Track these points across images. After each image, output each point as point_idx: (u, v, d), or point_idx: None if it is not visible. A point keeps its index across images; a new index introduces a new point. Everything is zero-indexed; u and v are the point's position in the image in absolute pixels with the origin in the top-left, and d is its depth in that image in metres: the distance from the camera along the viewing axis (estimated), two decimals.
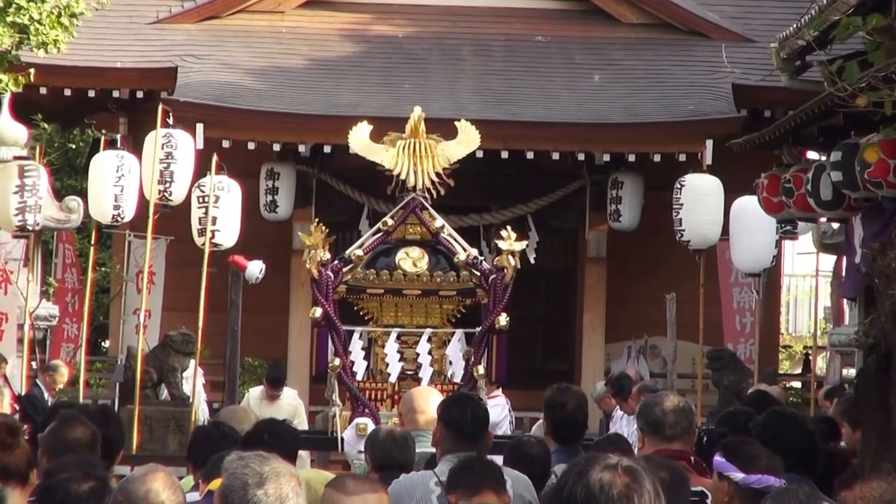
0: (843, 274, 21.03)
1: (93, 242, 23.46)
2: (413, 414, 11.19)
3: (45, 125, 29.39)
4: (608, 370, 22.53)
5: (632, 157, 24.97)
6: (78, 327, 24.19)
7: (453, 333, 18.22)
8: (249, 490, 5.69)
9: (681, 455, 8.48)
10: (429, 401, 11.05)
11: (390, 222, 18.32)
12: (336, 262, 18.21)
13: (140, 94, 25.38)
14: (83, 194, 22.50)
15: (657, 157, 24.54)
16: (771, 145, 18.99)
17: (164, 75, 25.12)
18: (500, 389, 18.40)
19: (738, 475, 8.04)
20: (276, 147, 24.82)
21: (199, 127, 22.48)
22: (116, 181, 20.45)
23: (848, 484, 7.33)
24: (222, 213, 20.11)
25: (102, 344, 29.68)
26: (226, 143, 22.83)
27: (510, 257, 18.20)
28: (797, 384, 26.88)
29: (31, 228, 21.59)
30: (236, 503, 5.68)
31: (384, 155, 18.23)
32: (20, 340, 22.30)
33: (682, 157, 23.76)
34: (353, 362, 18.20)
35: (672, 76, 26.19)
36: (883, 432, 9.65)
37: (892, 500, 5.28)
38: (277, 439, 9.20)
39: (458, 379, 17.66)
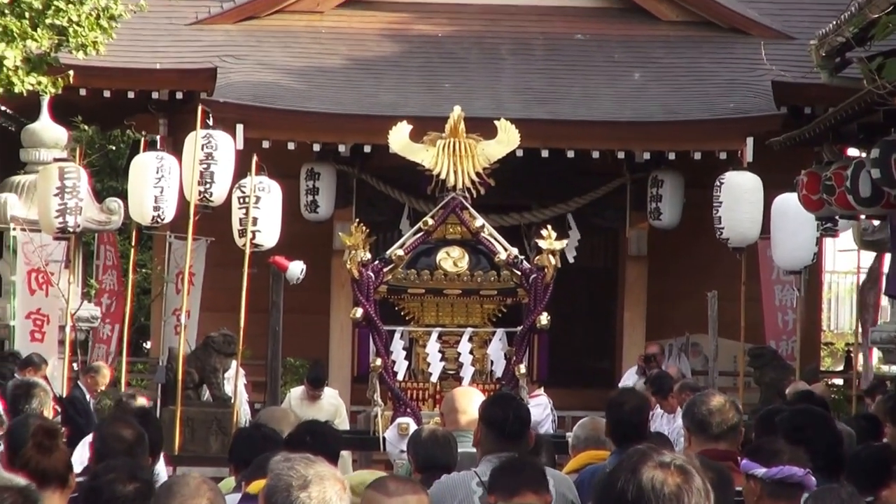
0: (886, 271, 21.00)
1: (133, 244, 23.53)
2: (455, 414, 11.21)
3: (85, 127, 29.52)
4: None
5: (672, 156, 24.94)
6: (119, 328, 24.24)
7: (494, 333, 18.24)
8: (293, 492, 5.70)
9: (727, 455, 8.49)
10: (470, 401, 11.06)
11: (431, 222, 18.34)
12: (376, 262, 18.24)
13: (179, 95, 25.44)
14: (123, 196, 22.57)
15: (697, 155, 24.52)
16: (811, 142, 18.99)
17: (204, 76, 25.16)
18: (542, 388, 18.43)
19: (761, 470, 8.06)
20: (316, 147, 24.84)
21: (239, 128, 22.53)
22: (156, 182, 20.51)
23: (888, 484, 7.35)
24: (263, 213, 20.14)
25: (144, 345, 29.74)
26: (266, 144, 22.87)
27: (550, 256, 18.21)
28: (839, 381, 26.83)
29: (71, 230, 21.62)
30: None
31: (424, 154, 18.25)
32: (61, 342, 22.36)
33: (723, 155, 23.76)
34: (394, 362, 18.23)
35: (712, 74, 26.19)
36: None
37: None
38: (320, 440, 9.22)
39: (499, 378, 17.68)
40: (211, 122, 21.16)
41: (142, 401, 14.15)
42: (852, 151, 18.31)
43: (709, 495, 4.78)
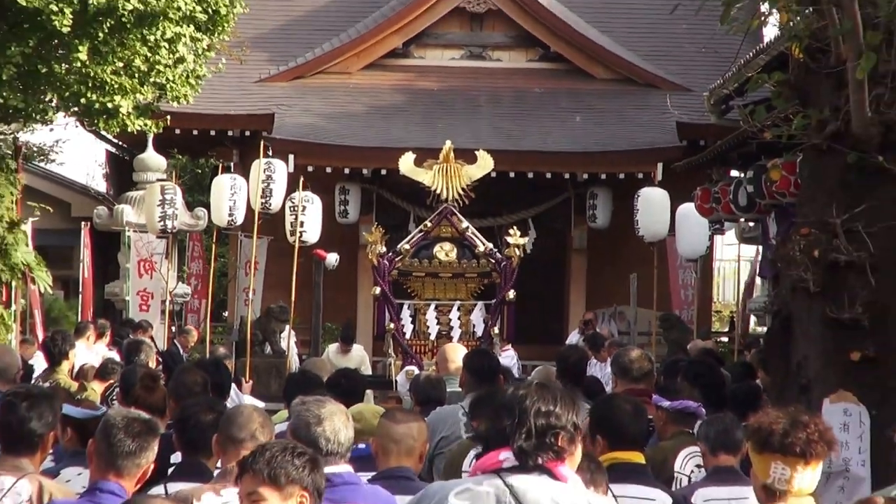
0: (760, 259, 21.04)
1: (214, 241, 23.49)
2: (446, 363, 11.17)
3: (179, 156, 29.48)
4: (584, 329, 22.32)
5: (603, 176, 24.95)
6: (204, 302, 24.23)
7: (475, 304, 18.30)
8: (312, 428, 5.71)
9: (643, 392, 8.49)
10: (457, 353, 11.02)
11: (429, 224, 18.43)
12: (390, 253, 18.28)
13: (247, 133, 25.41)
14: (207, 206, 22.53)
15: (622, 176, 24.54)
16: (704, 166, 19.01)
17: (265, 120, 25.16)
18: (510, 345, 18.41)
19: (666, 403, 8.08)
20: (346, 171, 24.84)
21: (290, 157, 22.52)
22: (231, 196, 20.47)
23: (756, 410, 7.35)
24: (308, 218, 20.11)
25: (222, 314, 29.72)
26: (310, 168, 22.85)
27: (516, 249, 18.30)
28: (725, 339, 26.80)
29: (169, 231, 21.67)
30: (303, 438, 5.68)
31: (424, 175, 18.32)
32: (163, 312, 22.41)
33: (640, 176, 23.75)
34: (403, 326, 18.29)
35: (632, 117, 26.17)
36: (785, 376, 9.63)
37: (785, 420, 5.27)
38: (350, 383, 9.23)
39: (479, 337, 17.69)
40: (270, 153, 21.16)
41: (224, 352, 14.12)
42: (734, 172, 18.31)
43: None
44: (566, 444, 4.50)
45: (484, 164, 18.69)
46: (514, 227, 20.17)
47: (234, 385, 11.67)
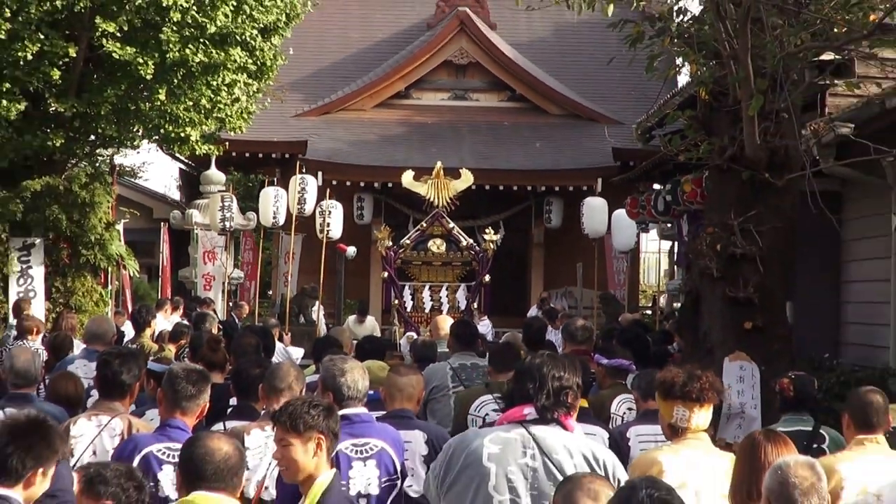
0: (677, 251, 21.03)
1: (261, 237, 23.46)
2: (437, 330, 11.19)
3: (235, 173, 29.44)
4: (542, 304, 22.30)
5: (556, 188, 24.93)
6: (253, 283, 24.19)
7: (460, 286, 18.24)
8: (337, 378, 5.70)
9: (586, 352, 8.49)
10: (446, 323, 11.04)
11: (424, 225, 18.35)
12: (394, 247, 18.23)
13: (286, 156, 25.29)
14: (256, 210, 22.45)
15: (571, 188, 24.51)
16: (633, 181, 18.99)
17: (300, 145, 25.08)
18: (486, 316, 18.39)
19: (605, 361, 8.07)
20: (362, 184, 24.78)
21: (319, 174, 22.42)
22: (274, 203, 20.40)
23: (669, 362, 7.34)
24: (332, 220, 20.06)
25: (268, 292, 29.69)
26: (334, 182, 22.73)
27: (490, 244, 18.24)
28: (649, 312, 26.79)
29: (227, 229, 21.59)
30: (330, 387, 5.69)
31: (422, 188, 18.25)
32: (222, 291, 22.39)
33: (585, 188, 23.69)
34: (405, 302, 18.22)
35: (578, 143, 26.12)
36: (694, 341, 9.64)
37: (683, 375, 5.29)
38: (376, 346, 9.36)
39: (462, 310, 17.68)
40: (304, 171, 21.14)
41: (274, 322, 14.09)
42: (656, 186, 18.29)
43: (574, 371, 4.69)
44: (573, 401, 4.59)
45: (466, 180, 18.65)
46: (489, 227, 20.21)
47: (280, 344, 11.70)
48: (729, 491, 4.85)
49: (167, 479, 5.41)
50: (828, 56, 10.15)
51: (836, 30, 8.56)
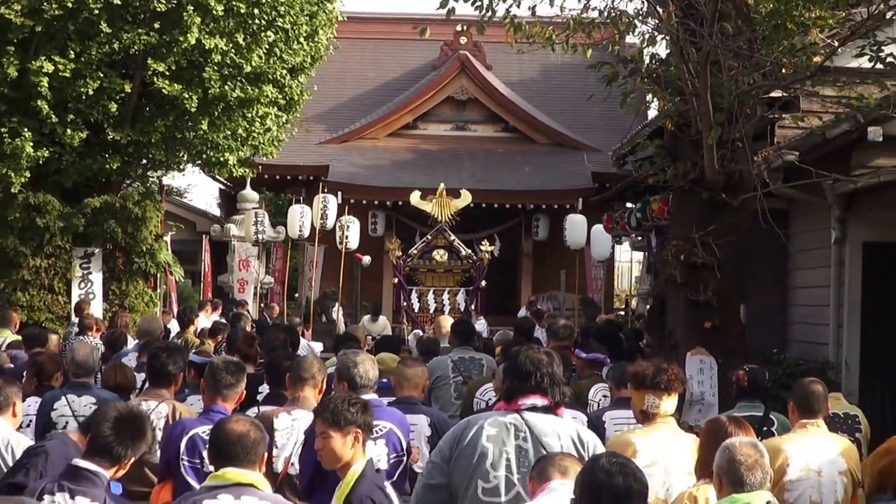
0: (648, 261, 21.01)
1: (289, 247, 23.45)
2: (439, 329, 11.22)
3: (267, 192, 29.42)
4: (532, 306, 22.29)
5: (543, 206, 24.94)
6: (282, 287, 24.20)
7: (460, 290, 18.23)
8: (351, 369, 5.70)
9: (567, 347, 8.48)
10: (447, 322, 11.07)
11: (429, 237, 18.35)
12: (404, 256, 18.23)
13: (311, 178, 25.29)
14: (285, 225, 22.46)
15: (556, 206, 24.51)
16: (609, 200, 19.02)
17: (323, 169, 25.08)
18: (482, 316, 18.38)
19: (583, 355, 8.06)
20: (376, 202, 24.76)
21: (339, 193, 22.39)
22: (300, 218, 20.40)
23: (638, 357, 7.32)
24: (350, 233, 20.04)
25: (294, 295, 29.65)
26: (352, 201, 22.74)
27: (486, 254, 18.25)
28: (623, 314, 26.79)
29: (260, 241, 21.60)
30: (344, 377, 5.69)
31: (427, 206, 18.26)
32: (254, 294, 22.36)
33: (568, 206, 23.66)
34: (412, 304, 18.21)
35: (562, 168, 26.09)
36: (661, 338, 9.61)
37: (653, 367, 5.30)
38: (393, 343, 9.43)
39: (461, 311, 17.67)
40: (326, 191, 21.12)
41: (298, 321, 14.10)
42: (629, 204, 18.30)
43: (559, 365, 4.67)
44: (564, 390, 4.57)
45: (465, 199, 18.66)
46: (485, 240, 20.22)
47: (304, 339, 11.70)
48: (695, 467, 4.84)
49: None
50: (776, 93, 10.17)
51: (783, 71, 8.57)
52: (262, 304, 21.14)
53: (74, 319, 13.87)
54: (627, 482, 3.28)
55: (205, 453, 5.36)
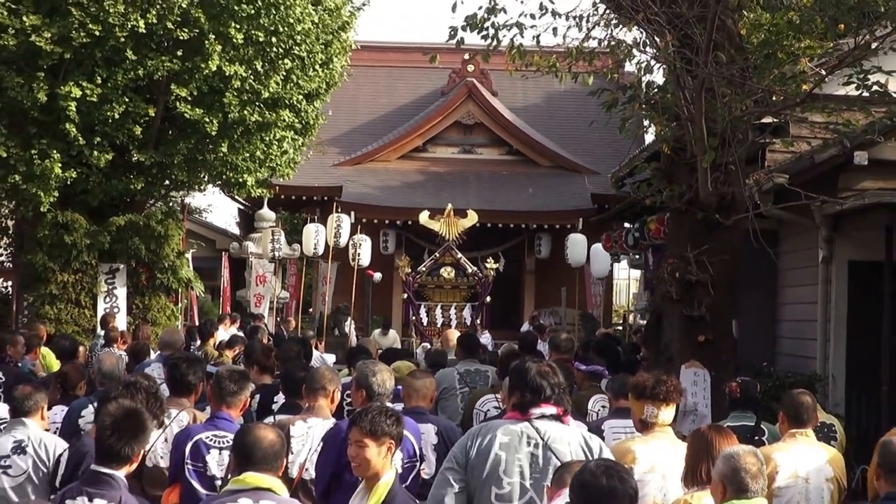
0: (644, 278, 21.00)
1: (304, 264, 23.49)
2: (446, 342, 11.19)
3: (283, 211, 29.47)
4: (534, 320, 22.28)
5: (546, 226, 24.97)
6: (297, 302, 24.23)
7: (466, 305, 18.24)
8: (369, 378, 5.70)
9: (568, 360, 8.47)
10: (454, 336, 11.01)
11: (437, 255, 18.38)
12: (413, 273, 18.24)
13: (325, 198, 25.37)
14: (300, 242, 22.49)
15: (557, 226, 24.54)
16: (608, 220, 19.02)
17: (336, 190, 25.15)
18: (487, 330, 18.38)
19: (583, 367, 8.05)
20: (386, 221, 24.81)
21: (352, 213, 22.39)
22: (315, 236, 20.45)
23: (635, 374, 7.33)
24: (362, 251, 20.11)
25: (308, 310, 29.65)
26: (364, 220, 22.76)
27: (491, 271, 18.27)
28: (620, 328, 26.75)
29: (276, 258, 21.63)
30: (363, 385, 5.69)
31: (436, 225, 18.33)
32: (271, 309, 22.36)
33: (569, 226, 23.68)
34: (421, 318, 18.23)
35: (563, 190, 26.12)
36: (657, 351, 9.61)
37: (652, 379, 5.30)
38: (403, 354, 9.48)
39: (467, 325, 17.66)
40: (339, 210, 21.14)
41: (311, 333, 14.10)
42: (627, 224, 18.31)
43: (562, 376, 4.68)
44: (569, 399, 4.59)
45: (471, 219, 18.73)
46: (490, 258, 20.23)
47: (317, 351, 11.69)
48: (682, 476, 4.83)
49: (213, 461, 5.43)
50: (768, 119, 10.19)
51: (774, 98, 8.59)
52: (279, 318, 21.16)
53: (100, 332, 13.90)
54: (611, 483, 3.30)
55: (208, 457, 5.40)
